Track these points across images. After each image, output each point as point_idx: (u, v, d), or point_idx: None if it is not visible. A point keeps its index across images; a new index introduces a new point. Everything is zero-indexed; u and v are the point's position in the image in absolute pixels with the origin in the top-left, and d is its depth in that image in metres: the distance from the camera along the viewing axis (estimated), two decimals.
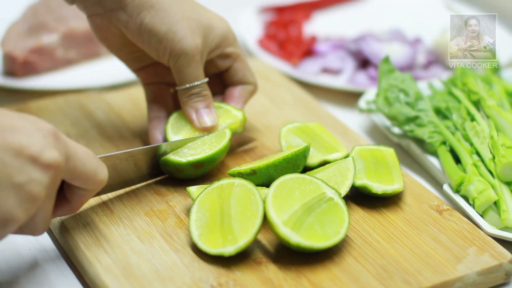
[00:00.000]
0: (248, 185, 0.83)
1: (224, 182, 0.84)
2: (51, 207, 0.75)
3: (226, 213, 0.82)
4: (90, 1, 0.91)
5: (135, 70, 1.00)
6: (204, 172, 0.92)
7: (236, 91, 0.99)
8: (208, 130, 0.94)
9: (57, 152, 0.72)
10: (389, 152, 0.95)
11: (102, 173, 0.78)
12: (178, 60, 0.92)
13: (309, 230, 0.80)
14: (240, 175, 0.89)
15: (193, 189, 0.88)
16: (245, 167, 0.90)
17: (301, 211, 0.81)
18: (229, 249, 0.80)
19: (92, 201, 0.89)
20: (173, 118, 0.96)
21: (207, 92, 0.95)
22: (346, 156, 0.93)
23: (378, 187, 0.89)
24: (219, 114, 0.96)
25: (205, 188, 0.85)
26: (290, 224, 0.80)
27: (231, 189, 0.84)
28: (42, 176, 0.71)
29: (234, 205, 0.82)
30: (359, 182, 0.90)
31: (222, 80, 1.01)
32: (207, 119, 0.94)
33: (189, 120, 0.95)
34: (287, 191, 0.83)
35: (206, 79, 0.94)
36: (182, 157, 0.91)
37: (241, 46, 1.34)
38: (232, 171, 0.90)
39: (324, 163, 0.93)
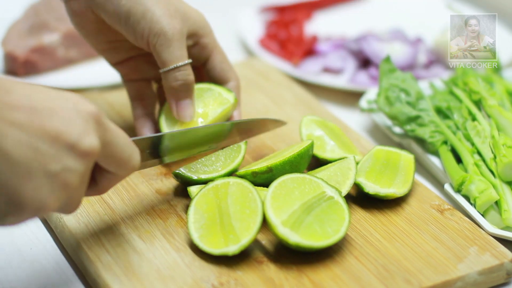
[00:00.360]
0: (244, 183, 0.83)
1: (219, 182, 0.84)
2: (84, 190, 0.72)
3: (225, 213, 0.82)
4: None
5: (115, 64, 0.98)
6: None
7: None
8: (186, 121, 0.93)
9: (96, 139, 0.69)
10: (407, 158, 0.94)
11: (136, 159, 0.75)
12: (158, 40, 0.90)
13: (308, 230, 0.80)
14: (255, 174, 0.88)
15: (193, 189, 0.88)
16: (259, 165, 0.89)
17: (301, 211, 0.81)
18: (232, 248, 0.80)
19: (93, 200, 0.89)
20: (165, 110, 0.95)
21: (191, 76, 0.92)
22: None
23: (371, 187, 0.89)
24: (209, 98, 0.95)
25: (200, 189, 0.85)
26: (289, 224, 0.80)
27: (226, 188, 0.83)
28: (77, 165, 0.68)
29: (232, 204, 0.82)
30: (356, 179, 0.90)
31: (201, 76, 0.99)
32: (187, 114, 0.92)
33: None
34: (286, 191, 0.83)
35: (190, 60, 0.92)
36: (194, 173, 0.89)
37: (242, 46, 1.35)
38: (244, 171, 0.89)
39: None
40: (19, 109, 0.66)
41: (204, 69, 0.97)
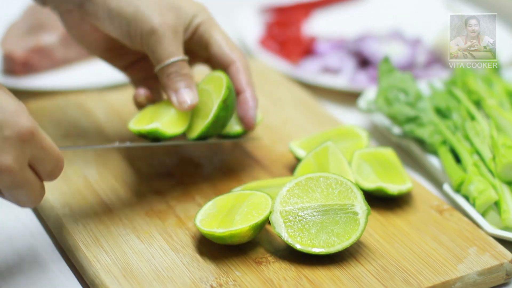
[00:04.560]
0: (267, 196, 0.83)
1: (246, 191, 0.85)
2: (29, 178, 0.75)
3: (234, 210, 0.82)
4: None
5: (122, 69, 0.98)
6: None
7: (235, 81, 0.93)
8: (189, 110, 0.89)
9: (10, 158, 0.73)
10: (390, 153, 0.95)
11: (57, 174, 0.78)
12: (150, 39, 0.88)
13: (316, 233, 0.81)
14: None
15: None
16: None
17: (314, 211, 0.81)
18: (221, 230, 0.80)
19: (92, 201, 0.89)
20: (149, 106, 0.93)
21: (187, 70, 0.89)
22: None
23: (394, 187, 0.89)
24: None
25: (224, 194, 0.86)
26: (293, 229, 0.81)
27: (249, 196, 0.84)
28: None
29: (245, 206, 0.83)
30: (372, 185, 0.89)
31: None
32: (187, 98, 0.89)
33: (171, 103, 0.90)
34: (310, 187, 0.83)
35: (185, 57, 0.89)
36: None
37: (241, 46, 1.34)
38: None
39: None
40: None
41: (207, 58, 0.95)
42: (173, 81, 0.89)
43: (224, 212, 0.82)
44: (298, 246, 0.80)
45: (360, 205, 0.81)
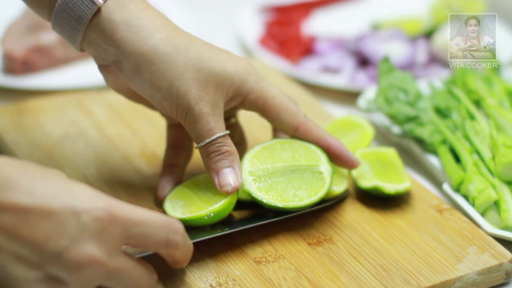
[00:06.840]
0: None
1: (191, 179, 0.87)
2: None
3: (199, 189, 0.85)
4: (97, 50, 0.82)
5: (162, 114, 0.90)
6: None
7: (310, 138, 0.88)
8: (232, 192, 0.82)
9: (93, 247, 0.65)
10: (391, 153, 0.94)
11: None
12: (186, 117, 0.81)
13: (275, 187, 0.84)
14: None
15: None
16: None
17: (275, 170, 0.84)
18: (180, 215, 0.82)
19: None
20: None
21: (228, 147, 0.82)
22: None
23: (390, 186, 0.89)
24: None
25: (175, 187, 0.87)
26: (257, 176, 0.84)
27: (199, 178, 0.87)
28: (66, 276, 0.65)
29: (204, 182, 0.85)
30: (369, 184, 0.89)
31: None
32: (230, 180, 0.82)
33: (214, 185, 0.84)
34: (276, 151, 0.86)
35: (225, 132, 0.82)
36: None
37: (241, 46, 1.34)
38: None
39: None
40: (10, 210, 0.63)
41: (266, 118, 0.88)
42: (214, 161, 0.83)
43: (193, 195, 0.84)
44: (265, 201, 0.82)
45: (325, 166, 0.85)
